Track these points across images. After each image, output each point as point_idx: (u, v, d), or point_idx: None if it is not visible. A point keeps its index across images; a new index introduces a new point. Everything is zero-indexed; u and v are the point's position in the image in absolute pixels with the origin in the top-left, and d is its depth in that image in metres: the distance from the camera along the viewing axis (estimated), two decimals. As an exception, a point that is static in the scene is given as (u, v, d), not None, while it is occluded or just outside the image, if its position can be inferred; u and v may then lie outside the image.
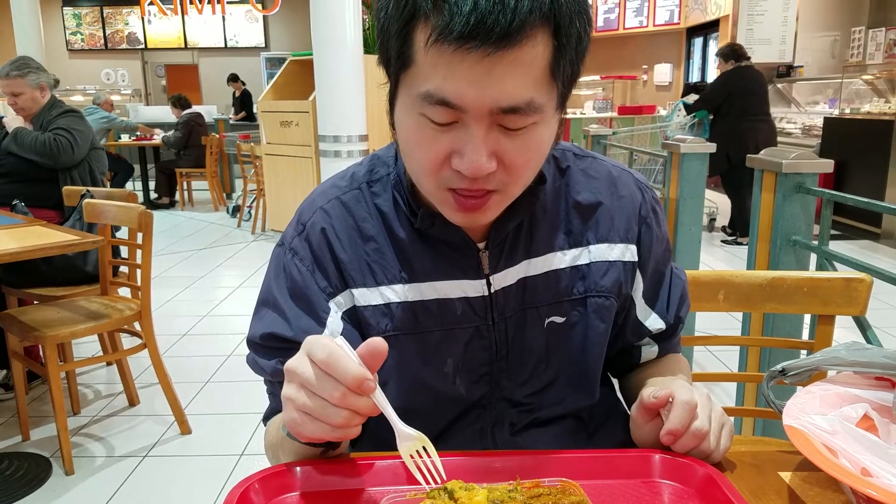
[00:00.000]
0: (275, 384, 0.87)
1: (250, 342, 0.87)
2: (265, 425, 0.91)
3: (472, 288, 0.84)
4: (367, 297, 0.83)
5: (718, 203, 6.80)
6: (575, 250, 0.87)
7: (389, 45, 0.69)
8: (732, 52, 5.96)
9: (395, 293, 0.83)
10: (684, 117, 6.20)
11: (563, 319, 0.87)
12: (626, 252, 0.89)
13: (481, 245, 0.84)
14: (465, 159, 0.68)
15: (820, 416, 0.72)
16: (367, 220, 0.85)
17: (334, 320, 0.83)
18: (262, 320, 0.86)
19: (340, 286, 0.84)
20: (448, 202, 0.74)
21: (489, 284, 0.84)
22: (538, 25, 0.63)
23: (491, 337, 0.85)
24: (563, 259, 0.87)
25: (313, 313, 0.83)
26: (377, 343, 0.64)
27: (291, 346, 0.81)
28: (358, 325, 0.85)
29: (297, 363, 0.65)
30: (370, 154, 0.92)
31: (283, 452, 0.80)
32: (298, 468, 0.72)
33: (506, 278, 0.85)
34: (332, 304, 0.83)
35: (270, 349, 0.85)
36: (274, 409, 0.90)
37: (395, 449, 0.70)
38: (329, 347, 0.63)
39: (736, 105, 5.80)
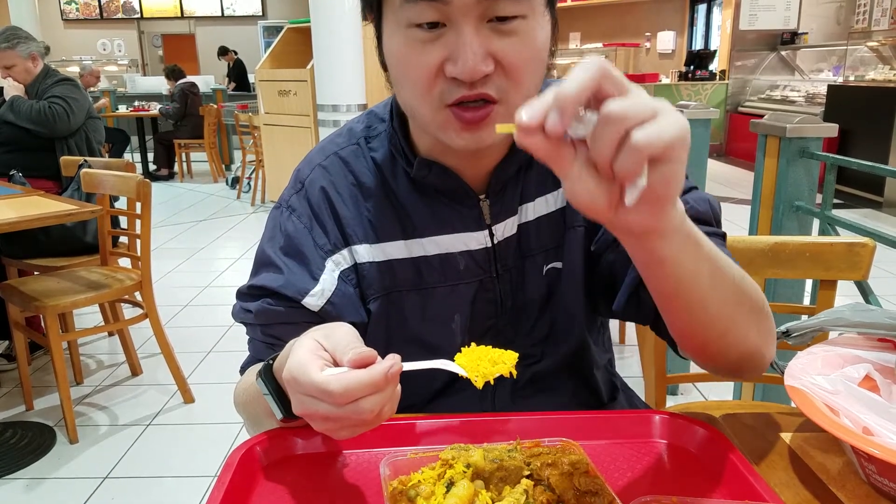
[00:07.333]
0: (256, 328, 0.84)
1: (238, 293, 0.86)
2: (241, 376, 0.86)
3: (474, 240, 0.83)
4: (369, 253, 0.82)
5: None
6: (559, 191, 0.85)
7: None
8: None
9: (396, 250, 0.82)
10: None
11: (562, 264, 0.86)
12: None
13: (482, 196, 0.82)
14: (460, 62, 0.66)
15: (822, 377, 0.71)
16: (366, 175, 0.84)
17: (329, 279, 0.81)
18: (254, 277, 0.85)
19: (340, 244, 0.83)
20: (449, 122, 0.71)
21: (492, 235, 0.83)
22: None
23: (495, 290, 0.84)
24: (551, 202, 0.85)
25: (307, 269, 0.81)
26: (368, 354, 0.58)
27: (279, 298, 0.80)
28: (358, 283, 0.83)
29: (307, 407, 0.58)
30: (367, 110, 0.90)
31: (264, 417, 0.74)
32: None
33: (507, 228, 0.84)
34: (328, 263, 0.82)
35: (257, 297, 0.83)
36: (252, 359, 0.87)
37: (406, 404, 0.63)
38: (331, 382, 0.55)
39: None
